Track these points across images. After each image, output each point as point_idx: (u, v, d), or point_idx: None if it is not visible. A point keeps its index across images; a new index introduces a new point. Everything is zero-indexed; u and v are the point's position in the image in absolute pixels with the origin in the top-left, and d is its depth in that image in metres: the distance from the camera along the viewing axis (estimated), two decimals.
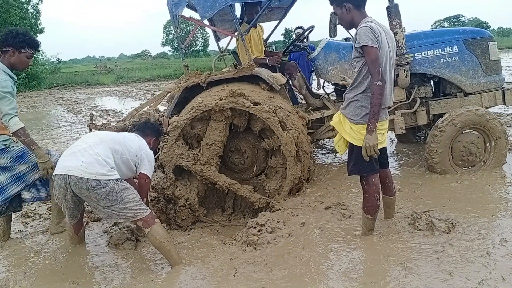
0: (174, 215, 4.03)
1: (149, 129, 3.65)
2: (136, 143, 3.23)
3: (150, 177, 3.26)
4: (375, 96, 2.68)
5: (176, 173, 4.04)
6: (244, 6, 4.86)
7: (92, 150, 2.90)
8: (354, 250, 3.01)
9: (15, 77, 3.41)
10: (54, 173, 2.91)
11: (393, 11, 4.25)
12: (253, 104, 3.81)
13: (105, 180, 2.80)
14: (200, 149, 4.01)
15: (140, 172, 3.20)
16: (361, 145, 2.83)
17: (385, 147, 3.16)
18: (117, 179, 2.89)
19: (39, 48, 3.52)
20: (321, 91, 5.51)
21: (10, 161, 3.44)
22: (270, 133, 4.01)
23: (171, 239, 3.08)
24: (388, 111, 3.13)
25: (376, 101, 2.69)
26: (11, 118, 3.20)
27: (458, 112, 4.21)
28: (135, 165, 3.18)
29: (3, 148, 3.40)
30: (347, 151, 3.08)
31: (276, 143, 3.94)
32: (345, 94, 3.02)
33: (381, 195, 3.22)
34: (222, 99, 3.82)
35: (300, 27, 7.39)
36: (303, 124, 4.23)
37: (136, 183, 3.34)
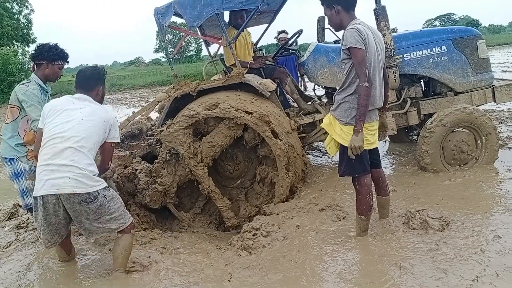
0: (145, 191, 4.04)
1: (91, 79, 3.15)
2: (99, 121, 2.94)
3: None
4: (361, 97, 2.71)
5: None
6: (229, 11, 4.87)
7: (74, 163, 2.72)
8: (349, 251, 3.01)
9: (46, 87, 3.69)
10: (40, 194, 2.71)
11: (380, 13, 4.27)
12: (273, 135, 3.85)
13: (94, 192, 2.74)
14: (200, 144, 4.02)
15: (109, 141, 3.05)
16: None
17: (377, 148, 3.18)
18: (104, 188, 2.84)
19: (68, 60, 3.77)
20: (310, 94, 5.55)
21: (10, 174, 3.62)
22: (271, 163, 4.10)
23: (130, 253, 3.03)
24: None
25: (362, 102, 2.71)
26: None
27: (446, 111, 4.24)
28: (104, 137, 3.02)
29: (12, 158, 3.58)
30: (338, 153, 3.10)
31: (274, 175, 4.04)
32: (334, 96, 3.04)
33: (374, 195, 3.24)
34: (250, 114, 3.84)
35: (284, 31, 7.38)
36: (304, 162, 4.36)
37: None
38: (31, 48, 36.17)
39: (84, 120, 2.87)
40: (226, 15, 4.99)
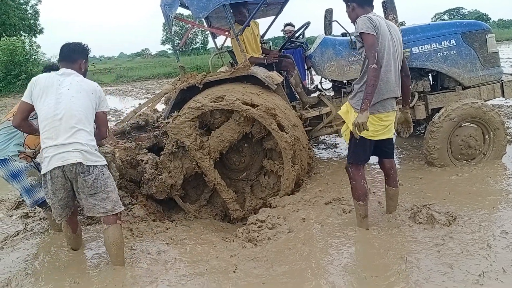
0: (151, 182, 4.08)
1: (75, 53, 3.17)
2: (88, 94, 2.99)
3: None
4: (369, 77, 2.78)
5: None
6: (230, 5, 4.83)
7: (76, 140, 2.83)
8: (354, 245, 3.02)
9: None
10: (47, 170, 2.81)
11: (388, 6, 4.23)
12: (279, 127, 3.84)
13: (92, 165, 2.85)
14: (208, 138, 4.02)
15: (100, 110, 3.11)
16: (364, 136, 2.93)
17: (392, 138, 3.21)
18: (104, 165, 2.95)
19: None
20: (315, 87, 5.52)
21: (5, 175, 3.50)
22: (276, 157, 4.08)
23: (123, 244, 3.06)
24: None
25: (370, 82, 2.78)
26: None
27: (454, 106, 4.20)
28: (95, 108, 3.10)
29: (4, 159, 3.46)
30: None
31: (280, 168, 4.03)
32: (353, 85, 3.11)
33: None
34: (256, 106, 3.83)
35: (290, 24, 7.32)
36: (309, 149, 4.33)
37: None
38: (39, 39, 36.32)
39: (74, 98, 2.92)
40: None
